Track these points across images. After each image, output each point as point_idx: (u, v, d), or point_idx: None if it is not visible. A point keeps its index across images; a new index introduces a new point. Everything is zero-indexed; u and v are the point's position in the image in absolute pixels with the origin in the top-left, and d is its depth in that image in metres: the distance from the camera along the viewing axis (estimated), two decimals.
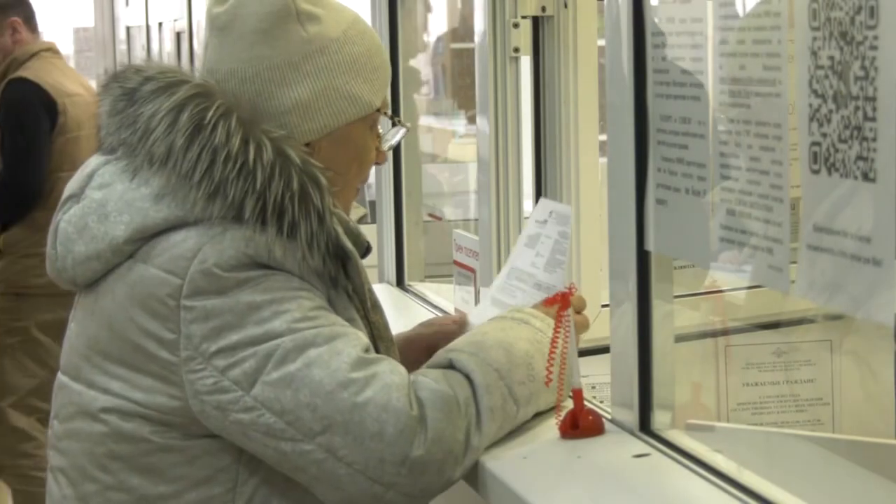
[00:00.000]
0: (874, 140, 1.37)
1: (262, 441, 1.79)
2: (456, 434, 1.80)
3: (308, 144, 1.92)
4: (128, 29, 8.35)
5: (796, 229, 1.53)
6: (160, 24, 7.08)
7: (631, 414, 1.93)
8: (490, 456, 1.85)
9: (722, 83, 1.69)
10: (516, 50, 2.54)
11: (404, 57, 3.39)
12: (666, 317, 1.91)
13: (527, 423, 1.94)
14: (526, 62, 2.56)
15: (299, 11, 1.92)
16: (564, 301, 1.90)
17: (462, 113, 4.99)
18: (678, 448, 1.84)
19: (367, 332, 1.92)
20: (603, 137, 2.12)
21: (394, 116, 2.13)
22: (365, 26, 1.99)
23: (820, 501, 1.77)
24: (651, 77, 1.85)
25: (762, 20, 1.58)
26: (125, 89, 1.90)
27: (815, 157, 1.48)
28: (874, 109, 1.37)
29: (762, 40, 1.59)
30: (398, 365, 1.83)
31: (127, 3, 8.35)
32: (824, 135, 1.45)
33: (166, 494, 1.85)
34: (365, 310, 1.93)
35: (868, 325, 2.21)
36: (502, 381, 1.87)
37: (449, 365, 1.88)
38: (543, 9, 2.50)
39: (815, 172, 1.48)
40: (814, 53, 1.46)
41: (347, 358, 1.78)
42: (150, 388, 1.82)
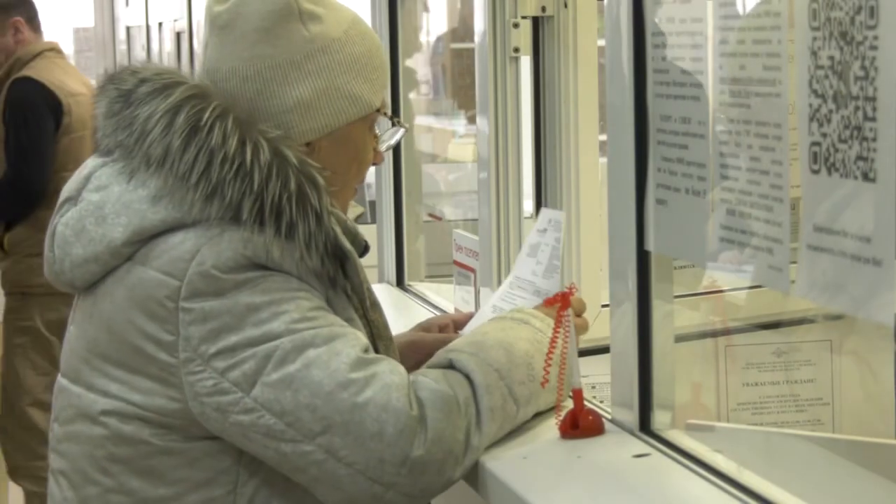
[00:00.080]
0: (874, 140, 1.37)
1: (263, 442, 1.79)
2: (456, 434, 1.80)
3: (308, 144, 1.92)
4: (128, 29, 8.35)
5: (796, 229, 1.53)
6: (160, 24, 7.08)
7: (631, 414, 1.93)
8: (490, 456, 1.85)
9: (722, 83, 1.69)
10: (516, 50, 2.54)
11: (402, 57, 3.39)
12: (666, 317, 1.91)
13: (527, 423, 1.94)
14: (526, 62, 2.56)
15: (301, 11, 1.92)
16: (564, 301, 1.90)
17: (462, 113, 4.99)
18: (678, 448, 1.84)
19: (366, 332, 1.92)
20: (603, 137, 2.12)
21: (393, 117, 2.13)
22: (365, 26, 1.99)
23: (820, 501, 1.77)
24: (651, 77, 1.85)
25: (762, 20, 1.58)
26: (121, 91, 1.89)
27: (815, 157, 1.48)
28: (874, 109, 1.37)
29: (762, 40, 1.59)
30: (398, 365, 1.83)
31: (127, 3, 8.35)
32: (824, 135, 1.45)
33: (167, 497, 1.84)
34: (364, 309, 1.93)
35: (868, 326, 2.21)
36: (502, 381, 1.87)
37: (449, 365, 1.88)
38: (543, 9, 2.50)
39: (815, 172, 1.48)
40: (814, 53, 1.46)
41: (347, 358, 1.78)
42: (149, 391, 1.82)
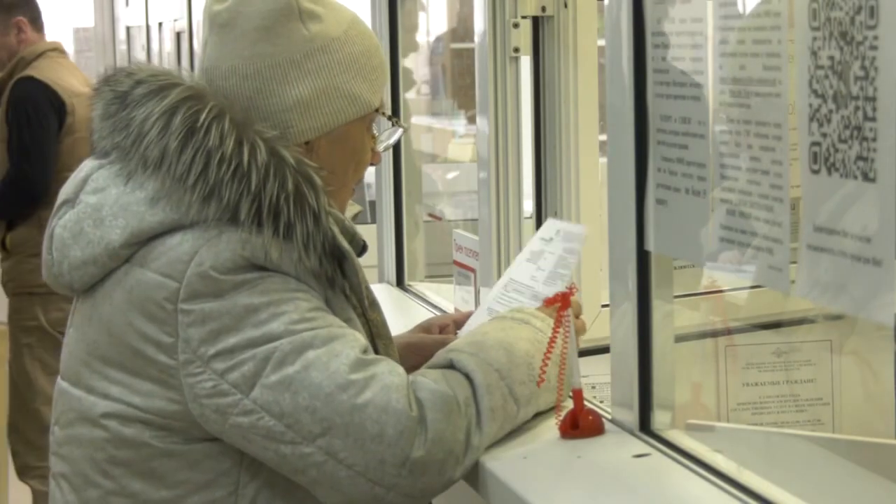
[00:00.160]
0: (874, 140, 1.37)
1: (262, 444, 1.79)
2: (456, 434, 1.79)
3: (307, 143, 1.92)
4: (128, 29, 8.35)
5: (796, 229, 1.53)
6: (160, 24, 7.08)
7: (631, 414, 1.93)
8: (490, 456, 1.85)
9: (722, 83, 1.69)
10: (516, 50, 2.54)
11: (401, 57, 3.39)
12: (666, 317, 1.91)
13: (527, 423, 1.94)
14: (526, 62, 2.56)
15: (301, 10, 1.91)
16: (565, 301, 1.90)
17: (462, 113, 4.99)
18: (678, 448, 1.84)
19: (365, 331, 1.92)
20: (603, 137, 2.12)
21: (392, 117, 2.13)
22: (364, 26, 1.99)
23: (820, 501, 1.77)
24: (651, 77, 1.85)
25: (762, 20, 1.58)
26: (117, 93, 1.89)
27: (815, 157, 1.48)
28: (874, 109, 1.37)
29: (762, 40, 1.59)
30: (397, 366, 1.82)
31: (127, 3, 8.35)
32: (824, 135, 1.45)
33: (168, 499, 1.84)
34: (363, 308, 1.93)
35: (868, 326, 2.21)
36: (503, 381, 1.87)
37: (449, 365, 1.88)
38: (543, 9, 2.50)
39: (815, 172, 1.48)
40: (814, 53, 1.46)
41: (346, 359, 1.77)
42: (149, 393, 1.82)
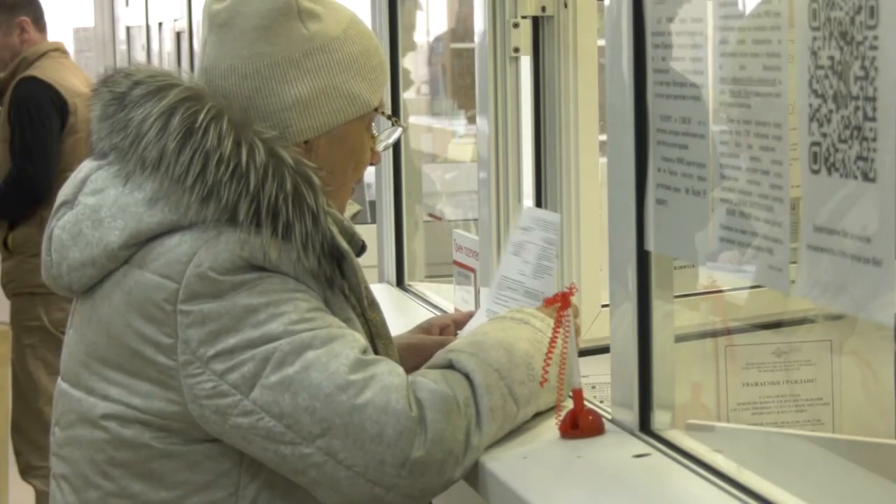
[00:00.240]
0: (874, 140, 1.37)
1: (262, 445, 1.79)
2: (456, 434, 1.79)
3: (306, 143, 1.92)
4: (128, 29, 8.35)
5: (796, 229, 1.53)
6: (160, 24, 7.08)
7: (631, 414, 1.93)
8: (490, 456, 1.85)
9: (722, 83, 1.69)
10: (516, 50, 2.54)
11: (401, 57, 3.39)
12: (666, 317, 1.91)
13: (527, 423, 1.94)
14: (526, 62, 2.56)
15: (300, 9, 1.92)
16: (564, 301, 1.90)
17: (462, 113, 4.99)
18: (678, 448, 1.84)
19: (364, 331, 1.92)
20: (603, 137, 2.12)
21: (392, 116, 2.13)
22: (363, 26, 1.99)
23: (820, 501, 1.77)
24: (651, 77, 1.84)
25: (762, 20, 1.58)
26: (115, 94, 1.89)
27: (815, 157, 1.47)
28: (874, 109, 1.37)
29: (762, 40, 1.59)
30: (396, 366, 1.82)
31: (127, 3, 8.35)
32: (824, 135, 1.45)
33: (168, 500, 1.84)
34: (362, 307, 1.93)
35: (868, 326, 2.21)
36: (503, 381, 1.87)
37: (448, 365, 1.88)
38: (543, 9, 2.50)
39: (815, 172, 1.48)
40: (814, 53, 1.46)
41: (345, 360, 1.77)
42: (148, 394, 1.82)
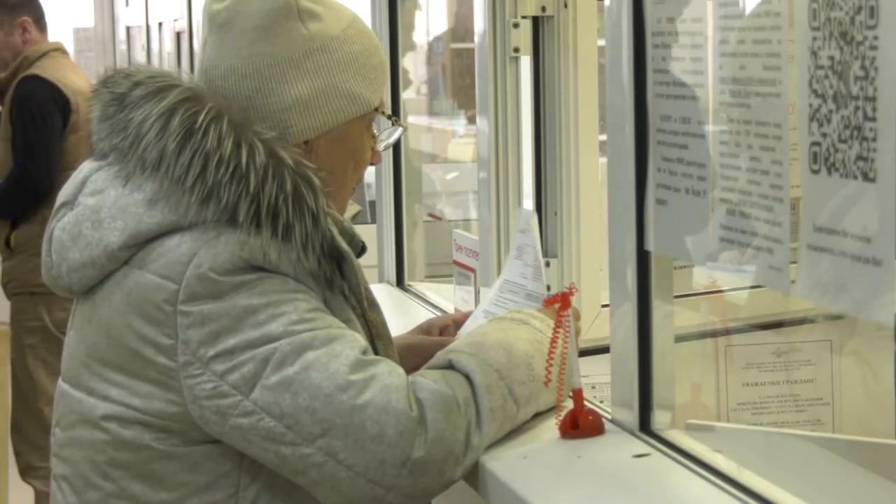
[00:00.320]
0: (874, 140, 1.37)
1: (262, 445, 1.79)
2: (456, 434, 1.79)
3: (306, 143, 1.92)
4: (128, 29, 8.35)
5: (796, 229, 1.53)
6: (160, 24, 7.08)
7: (631, 414, 1.93)
8: (490, 456, 1.85)
9: (722, 83, 1.69)
10: (516, 50, 2.54)
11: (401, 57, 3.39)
12: (666, 317, 1.91)
13: (527, 423, 1.94)
14: (526, 62, 2.56)
15: (300, 9, 1.91)
16: (564, 301, 1.90)
17: (462, 113, 4.99)
18: (678, 448, 1.84)
19: (365, 332, 1.92)
20: (603, 137, 2.12)
21: (392, 116, 2.13)
22: (364, 26, 1.99)
23: (820, 501, 1.77)
24: (651, 77, 1.84)
25: (762, 20, 1.58)
26: (115, 94, 1.89)
27: (815, 157, 1.47)
28: (874, 109, 1.37)
29: (762, 40, 1.59)
30: (396, 366, 1.82)
31: (127, 3, 8.35)
32: (824, 135, 1.45)
33: (168, 501, 1.84)
34: (362, 308, 1.93)
35: (868, 326, 2.21)
36: (502, 381, 1.87)
37: (448, 365, 1.88)
38: (543, 9, 2.50)
39: (815, 172, 1.48)
40: (814, 53, 1.46)
41: (346, 360, 1.77)
42: (148, 395, 1.82)
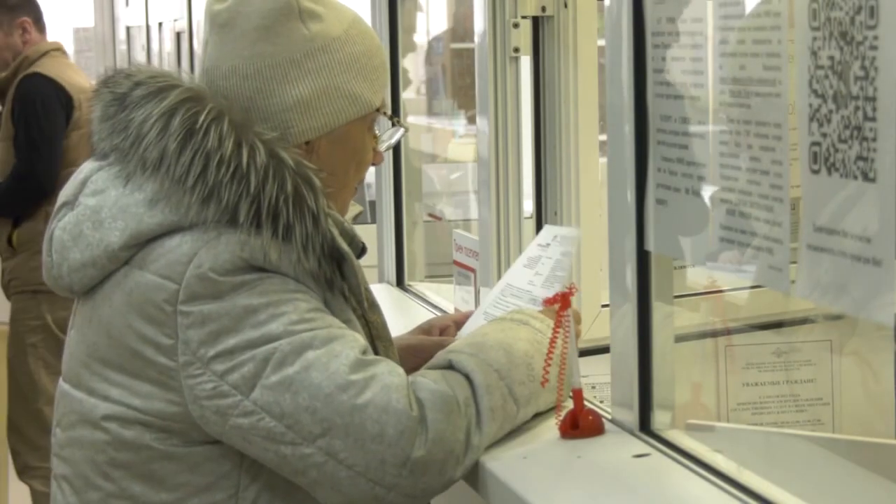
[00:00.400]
0: (874, 140, 1.37)
1: (262, 445, 1.79)
2: (456, 434, 1.79)
3: (307, 143, 1.92)
4: (128, 29, 8.35)
5: (796, 229, 1.53)
6: (160, 24, 7.08)
7: (631, 414, 1.93)
8: (490, 456, 1.85)
9: (722, 83, 1.69)
10: (516, 50, 2.54)
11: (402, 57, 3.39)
12: (666, 317, 1.91)
13: (527, 423, 1.94)
14: (526, 62, 2.56)
15: (301, 9, 1.91)
16: (564, 301, 1.90)
17: (462, 113, 4.99)
18: (678, 448, 1.84)
19: (365, 332, 1.92)
20: (603, 137, 2.12)
21: (393, 117, 2.13)
22: (365, 26, 1.99)
23: (820, 501, 1.77)
24: (651, 77, 1.84)
25: (762, 20, 1.58)
26: (116, 94, 1.89)
27: (815, 157, 1.48)
28: (874, 109, 1.37)
29: (762, 40, 1.59)
30: (396, 366, 1.82)
31: (127, 3, 8.35)
32: (824, 135, 1.45)
33: (168, 502, 1.84)
34: (362, 309, 1.93)
35: (868, 326, 2.21)
36: (502, 381, 1.87)
37: (448, 365, 1.88)
38: (543, 9, 2.50)
39: (815, 172, 1.48)
40: (814, 53, 1.46)
41: (346, 360, 1.77)
42: (148, 395, 1.82)
